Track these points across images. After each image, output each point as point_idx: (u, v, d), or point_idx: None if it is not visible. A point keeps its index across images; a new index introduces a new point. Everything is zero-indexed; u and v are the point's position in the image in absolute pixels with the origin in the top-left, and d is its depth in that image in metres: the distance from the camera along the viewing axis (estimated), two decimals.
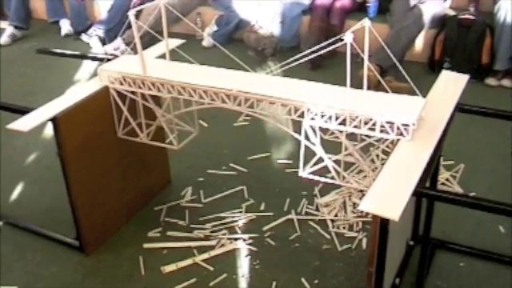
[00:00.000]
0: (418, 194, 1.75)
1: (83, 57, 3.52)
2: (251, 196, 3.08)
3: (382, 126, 1.98)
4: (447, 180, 3.12)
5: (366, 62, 1.99)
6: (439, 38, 4.61)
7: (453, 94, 2.30)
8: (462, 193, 3.01)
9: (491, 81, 4.43)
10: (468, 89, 2.38)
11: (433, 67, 4.64)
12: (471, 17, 4.51)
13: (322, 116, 2.06)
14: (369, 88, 2.10)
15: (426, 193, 1.85)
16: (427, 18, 4.56)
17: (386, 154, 1.92)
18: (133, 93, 2.58)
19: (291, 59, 2.18)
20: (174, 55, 2.67)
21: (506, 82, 4.39)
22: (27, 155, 3.63)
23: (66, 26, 6.20)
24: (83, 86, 2.69)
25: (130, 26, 2.39)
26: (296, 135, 2.21)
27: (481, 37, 4.44)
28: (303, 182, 2.43)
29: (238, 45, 5.18)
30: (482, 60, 4.47)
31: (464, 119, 2.57)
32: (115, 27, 5.51)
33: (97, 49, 5.50)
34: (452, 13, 4.68)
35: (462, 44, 4.50)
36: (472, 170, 3.24)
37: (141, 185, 2.98)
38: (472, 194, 3.01)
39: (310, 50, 2.13)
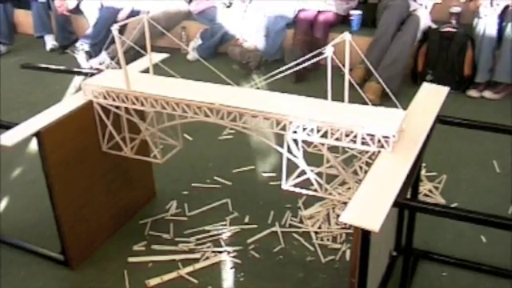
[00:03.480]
0: (398, 205, 1.78)
1: (67, 71, 3.53)
2: (235, 209, 3.09)
3: (363, 138, 2.01)
4: (430, 191, 3.15)
5: (347, 76, 2.02)
6: (422, 50, 4.65)
7: (433, 105, 2.33)
8: (444, 203, 3.04)
9: (473, 92, 4.48)
10: (450, 100, 2.42)
11: (415, 79, 4.69)
12: (453, 29, 4.56)
13: (304, 129, 2.09)
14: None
15: (407, 204, 1.88)
16: (420, 28, 4.61)
17: (369, 165, 1.94)
18: (117, 107, 2.59)
19: (275, 72, 2.20)
20: (159, 69, 2.69)
21: (487, 94, 4.43)
22: (12, 170, 3.63)
23: (50, 41, 6.21)
24: (67, 100, 2.70)
25: (114, 41, 2.40)
26: (279, 148, 2.23)
27: (462, 49, 4.49)
28: (287, 194, 2.45)
29: (222, 58, 5.23)
30: (464, 72, 4.52)
31: (446, 130, 2.60)
32: (100, 41, 5.54)
33: (82, 63, 5.51)
34: (434, 26, 4.73)
35: (445, 56, 4.54)
36: (454, 181, 3.27)
37: (125, 199, 2.99)
38: (454, 204, 3.04)
39: (293, 63, 2.16)
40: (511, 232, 2.01)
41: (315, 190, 2.21)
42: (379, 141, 1.98)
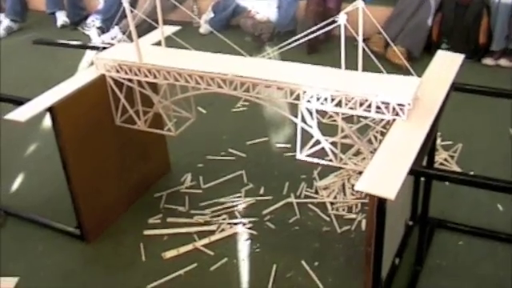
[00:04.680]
0: (414, 173, 1.77)
1: (79, 46, 3.52)
2: (250, 180, 3.09)
3: (378, 107, 1.99)
4: (445, 160, 3.13)
5: (361, 43, 1.99)
6: (436, 19, 4.60)
7: (448, 73, 2.31)
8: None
9: (488, 61, 4.43)
10: (465, 69, 2.39)
11: (429, 48, 4.63)
12: None
13: (318, 98, 2.07)
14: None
15: (422, 171, 1.86)
16: None
17: (384, 134, 1.93)
18: (129, 80, 2.58)
19: (287, 42, 2.18)
20: (171, 42, 2.67)
21: (503, 62, 4.38)
22: (26, 146, 3.65)
23: (61, 17, 6.19)
24: (80, 75, 2.69)
25: (126, 15, 2.39)
26: (293, 118, 2.21)
27: (478, 17, 4.43)
28: (302, 165, 2.44)
29: (235, 31, 5.19)
30: (479, 40, 4.46)
31: (461, 99, 2.58)
32: (112, 16, 5.49)
33: (95, 39, 5.50)
34: None
35: (460, 24, 4.49)
36: (470, 150, 3.25)
37: (140, 172, 2.99)
38: (471, 173, 3.02)
39: (305, 33, 2.13)
40: None
41: (330, 160, 2.20)
42: (394, 109, 1.96)
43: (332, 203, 2.86)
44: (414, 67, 2.14)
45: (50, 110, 2.43)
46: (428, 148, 1.94)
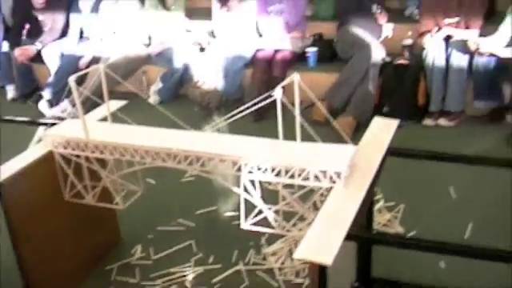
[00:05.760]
0: (351, 237, 1.84)
1: (27, 122, 3.55)
2: (200, 250, 3.13)
3: (316, 175, 2.08)
4: (389, 221, 3.23)
5: (298, 116, 2.09)
6: (377, 84, 4.76)
7: (384, 139, 2.41)
8: (402, 232, 3.12)
9: (428, 121, 4.60)
10: (407, 130, 2.50)
11: (372, 112, 4.78)
12: (406, 62, 4.70)
13: (259, 169, 2.15)
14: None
15: (359, 236, 1.94)
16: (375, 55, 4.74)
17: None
18: (77, 156, 2.63)
19: (234, 112, 2.25)
20: (120, 115, 2.75)
21: (442, 122, 4.56)
22: None
23: (11, 91, 6.22)
24: (29, 151, 2.73)
25: None
26: (235, 189, 2.29)
27: (416, 80, 4.63)
28: (250, 232, 2.49)
29: (184, 100, 5.29)
30: (418, 102, 4.64)
31: (403, 160, 2.67)
32: (62, 89, 5.51)
33: (45, 112, 5.53)
34: (387, 59, 4.86)
35: (399, 88, 4.66)
36: (412, 209, 3.35)
37: (91, 245, 3.01)
38: (413, 232, 3.12)
39: (250, 103, 2.21)
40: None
41: (274, 228, 2.27)
42: (331, 177, 2.05)
43: (280, 269, 2.92)
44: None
45: None
46: (365, 212, 2.03)
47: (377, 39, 4.97)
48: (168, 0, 5.84)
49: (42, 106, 5.62)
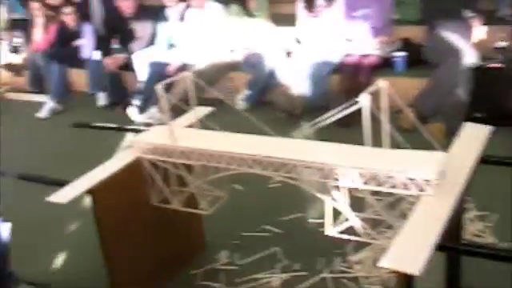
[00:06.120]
0: (440, 248, 1.79)
1: (117, 129, 3.64)
2: (285, 257, 3.12)
3: (404, 183, 2.03)
4: (481, 231, 3.12)
5: (386, 122, 2.05)
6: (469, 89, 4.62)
7: (475, 145, 2.34)
8: (494, 243, 3.01)
9: None
10: (501, 136, 2.40)
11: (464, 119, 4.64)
12: (499, 65, 4.54)
13: (346, 176, 2.12)
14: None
15: (449, 246, 1.88)
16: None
17: None
18: (164, 162, 2.67)
19: (320, 119, 2.24)
20: (206, 121, 2.80)
21: None
22: (65, 224, 3.77)
23: (103, 98, 6.41)
24: (118, 157, 2.80)
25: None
26: (322, 196, 2.26)
27: (510, 84, 4.45)
28: (336, 241, 2.47)
29: (269, 106, 5.29)
30: None
31: (496, 169, 2.58)
32: (150, 96, 5.66)
33: (134, 118, 5.66)
34: (480, 62, 4.70)
35: (493, 92, 4.51)
36: (506, 220, 3.23)
37: (176, 249, 3.05)
38: (506, 243, 3.00)
39: (337, 109, 2.19)
40: None
41: (360, 236, 2.24)
42: (420, 184, 2.00)
43: (366, 277, 2.87)
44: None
45: (90, 192, 2.53)
46: (455, 221, 1.97)
47: (468, 43, 4.82)
48: (251, 7, 5.89)
49: (131, 112, 5.76)
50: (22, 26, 7.67)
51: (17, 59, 7.75)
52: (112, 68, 6.27)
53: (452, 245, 1.95)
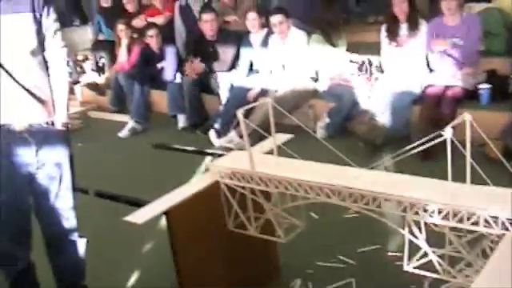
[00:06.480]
0: None
1: (195, 152, 3.70)
2: None
3: (487, 220, 1.97)
4: None
5: (469, 158, 2.00)
6: None
7: None
8: None
9: None
10: None
11: None
12: None
13: (425, 210, 2.08)
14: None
15: None
16: None
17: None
18: (242, 187, 2.68)
19: (401, 151, 2.20)
20: (285, 149, 2.79)
21: None
22: (141, 243, 3.82)
23: (182, 120, 6.52)
24: (195, 180, 2.84)
25: None
26: (400, 230, 2.22)
27: None
28: (413, 276, 2.41)
29: (350, 136, 5.26)
30: None
31: None
32: (230, 120, 5.72)
33: (213, 141, 5.72)
34: None
35: None
36: None
37: (250, 275, 3.04)
38: None
39: (417, 143, 2.15)
40: None
41: (438, 273, 2.18)
42: (503, 223, 1.94)
43: None
44: None
45: (166, 213, 2.56)
46: None
47: None
48: (333, 36, 5.89)
49: (211, 135, 5.81)
50: (106, 46, 7.96)
51: (100, 79, 8.01)
52: (191, 75, 6.40)
53: None
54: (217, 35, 6.50)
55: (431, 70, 5.43)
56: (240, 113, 2.48)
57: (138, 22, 7.57)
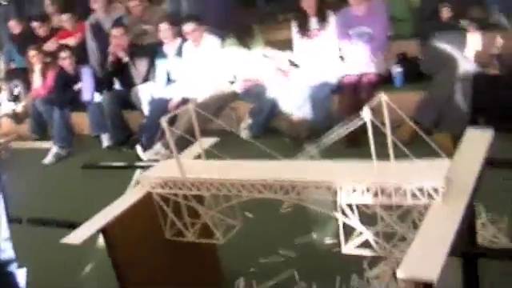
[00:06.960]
0: (455, 253, 1.80)
1: (124, 167, 3.69)
2: (302, 279, 3.12)
3: (413, 193, 2.05)
4: (494, 236, 3.12)
5: (390, 136, 2.07)
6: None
7: (479, 150, 2.35)
8: (509, 246, 3.01)
9: None
10: (504, 140, 2.40)
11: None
12: (496, 71, 4.57)
13: (355, 191, 2.14)
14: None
15: (463, 251, 1.89)
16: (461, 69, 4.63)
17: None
18: (175, 195, 2.69)
19: (323, 140, 2.26)
20: (212, 152, 2.82)
21: None
22: (81, 265, 3.78)
23: (106, 139, 6.47)
24: (128, 194, 2.83)
25: None
26: (334, 214, 2.28)
27: (509, 89, 4.47)
28: (351, 258, 2.47)
29: (274, 133, 5.32)
30: None
31: (502, 172, 2.58)
32: (154, 133, 5.69)
33: (140, 156, 5.68)
34: (479, 69, 4.72)
35: (493, 98, 4.52)
36: None
37: (194, 281, 3.05)
38: None
39: (339, 129, 2.21)
40: None
41: (375, 251, 2.25)
42: (429, 193, 2.02)
43: None
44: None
45: (103, 230, 2.55)
46: (467, 226, 1.98)
47: (463, 52, 4.85)
48: (247, 38, 5.95)
49: (139, 150, 5.76)
50: (20, 74, 7.81)
51: (17, 108, 7.84)
52: (117, 51, 6.40)
53: (467, 249, 1.96)
54: (129, 49, 6.47)
55: (344, 60, 5.55)
56: (164, 121, 2.49)
57: (50, 46, 7.46)
